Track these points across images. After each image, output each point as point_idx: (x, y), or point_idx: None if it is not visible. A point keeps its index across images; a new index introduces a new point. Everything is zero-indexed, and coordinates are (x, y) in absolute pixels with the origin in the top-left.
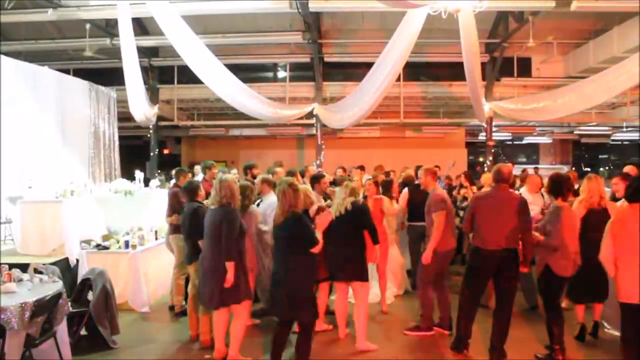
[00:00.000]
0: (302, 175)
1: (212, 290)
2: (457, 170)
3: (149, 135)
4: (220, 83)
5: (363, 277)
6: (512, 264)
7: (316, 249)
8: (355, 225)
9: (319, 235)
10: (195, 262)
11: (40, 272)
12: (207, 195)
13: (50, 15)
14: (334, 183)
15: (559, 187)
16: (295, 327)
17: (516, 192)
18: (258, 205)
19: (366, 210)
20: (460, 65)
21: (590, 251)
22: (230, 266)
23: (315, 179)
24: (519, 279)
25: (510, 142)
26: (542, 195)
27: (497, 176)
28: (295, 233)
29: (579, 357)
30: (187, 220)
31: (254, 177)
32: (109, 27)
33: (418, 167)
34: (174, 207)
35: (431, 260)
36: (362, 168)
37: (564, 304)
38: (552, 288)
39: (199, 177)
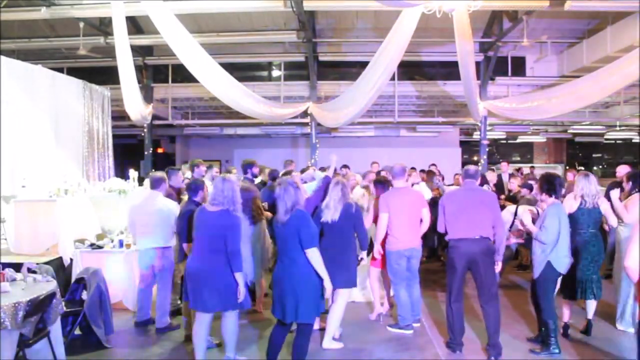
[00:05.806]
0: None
1: (210, 293)
2: (451, 169)
3: (143, 134)
4: (215, 82)
5: (355, 283)
6: (486, 252)
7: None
8: (349, 229)
9: None
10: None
11: (34, 272)
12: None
13: (43, 13)
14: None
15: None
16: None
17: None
18: None
19: (360, 214)
20: (454, 64)
21: (579, 248)
22: (239, 276)
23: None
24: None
25: (504, 141)
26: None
27: (465, 174)
28: (300, 231)
29: (571, 355)
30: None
31: (255, 176)
32: (102, 26)
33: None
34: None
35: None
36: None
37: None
38: (548, 282)
39: (187, 175)
